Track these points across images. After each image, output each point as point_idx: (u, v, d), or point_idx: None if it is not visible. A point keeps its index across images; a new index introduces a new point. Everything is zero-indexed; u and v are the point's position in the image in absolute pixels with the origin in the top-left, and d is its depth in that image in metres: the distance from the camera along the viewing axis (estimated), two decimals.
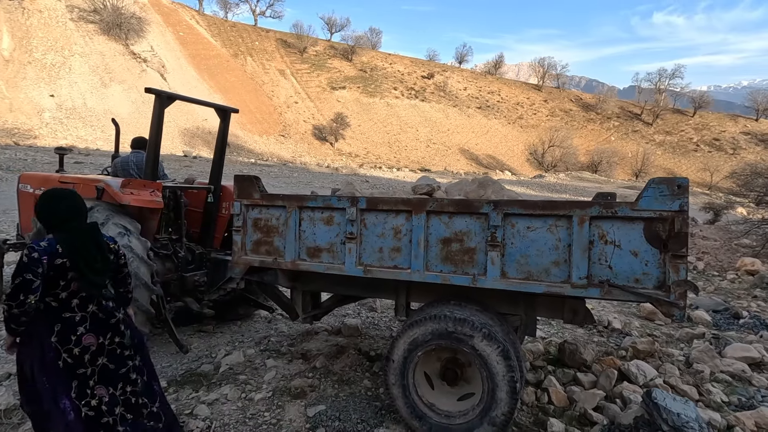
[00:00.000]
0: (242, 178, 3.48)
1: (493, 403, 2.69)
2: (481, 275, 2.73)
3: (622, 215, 2.45)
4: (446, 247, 2.82)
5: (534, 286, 2.64)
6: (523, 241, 2.65)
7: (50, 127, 29.80)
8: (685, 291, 2.36)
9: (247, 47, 56.80)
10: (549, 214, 2.59)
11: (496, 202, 2.71)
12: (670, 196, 2.36)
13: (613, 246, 2.48)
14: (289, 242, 3.25)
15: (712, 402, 3.51)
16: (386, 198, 3.06)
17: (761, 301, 6.81)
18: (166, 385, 3.58)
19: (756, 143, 57.18)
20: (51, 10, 37.61)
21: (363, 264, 3.04)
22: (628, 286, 2.46)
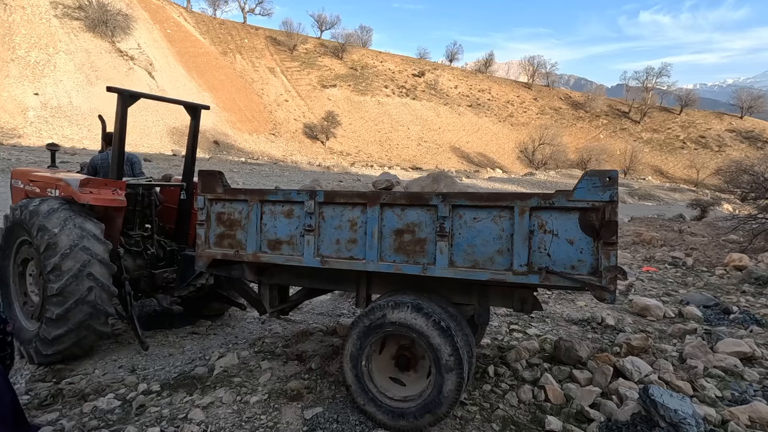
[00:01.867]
0: (206, 173, 3.53)
1: (440, 389, 2.80)
2: (430, 264, 2.83)
3: (559, 206, 2.57)
4: (399, 238, 2.93)
5: (480, 273, 2.75)
6: (470, 231, 2.76)
7: (35, 126, 29.22)
8: (615, 276, 2.47)
9: (236, 45, 56.25)
10: (493, 206, 2.71)
11: (444, 195, 2.80)
12: (602, 188, 2.48)
13: (551, 235, 2.60)
14: (250, 235, 3.33)
15: (706, 397, 3.54)
16: (343, 191, 3.15)
17: (750, 296, 6.92)
18: (160, 388, 3.52)
19: (741, 140, 58.26)
20: (34, 7, 36.84)
21: (321, 255, 3.13)
22: (564, 272, 2.58)
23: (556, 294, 6.60)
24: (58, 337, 3.65)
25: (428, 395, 2.84)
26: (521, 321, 5.36)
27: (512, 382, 3.77)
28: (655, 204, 28.88)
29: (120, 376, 3.74)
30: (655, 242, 11.73)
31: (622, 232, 13.21)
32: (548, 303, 6.19)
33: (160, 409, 3.22)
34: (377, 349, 3.09)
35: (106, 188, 3.96)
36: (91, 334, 3.81)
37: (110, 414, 3.19)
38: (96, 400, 3.32)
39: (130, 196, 4.40)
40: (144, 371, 3.84)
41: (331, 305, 5.54)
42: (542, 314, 5.62)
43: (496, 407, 3.36)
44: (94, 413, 3.19)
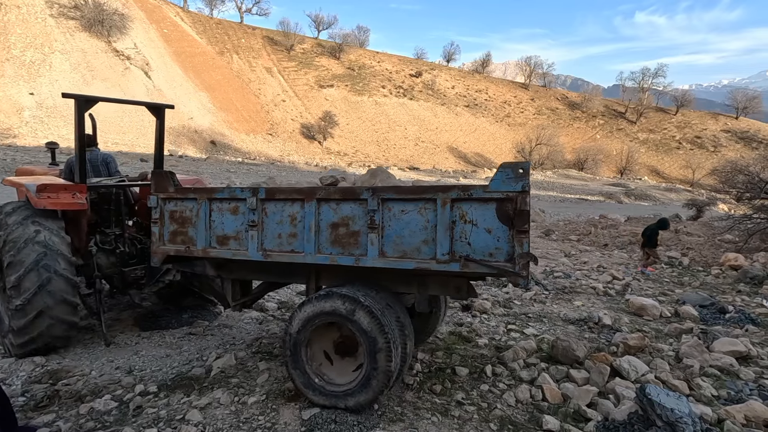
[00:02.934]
0: (157, 174, 3.71)
1: (371, 374, 2.95)
2: (362, 255, 2.98)
3: (477, 197, 2.71)
4: (335, 231, 3.08)
5: (407, 263, 2.89)
6: (399, 223, 2.90)
7: (30, 126, 29.06)
8: (528, 262, 2.62)
9: (233, 45, 56.11)
10: (418, 198, 2.85)
11: (374, 189, 2.94)
12: (515, 179, 2.61)
13: (471, 225, 2.74)
14: (200, 231, 3.49)
15: (702, 396, 3.56)
16: (283, 188, 3.32)
17: (745, 295, 6.96)
18: (157, 389, 3.50)
19: (736, 141, 58.58)
20: (29, 6, 36.63)
21: (264, 249, 3.28)
22: (483, 260, 2.72)
23: (553, 294, 6.62)
24: (24, 327, 3.83)
25: (361, 379, 3.00)
26: (519, 321, 5.38)
27: (510, 381, 3.78)
28: (651, 204, 29.00)
29: (117, 378, 3.72)
30: None
31: (619, 231, 13.27)
32: (545, 303, 6.21)
33: (158, 410, 3.21)
34: (317, 337, 3.21)
35: (66, 192, 4.12)
36: (57, 323, 3.96)
37: (107, 415, 3.18)
38: (93, 402, 3.31)
39: (105, 195, 4.65)
40: (141, 372, 3.83)
41: None
42: (539, 314, 5.64)
43: (493, 407, 3.36)
44: (90, 415, 3.17)
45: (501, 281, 7.14)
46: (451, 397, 3.49)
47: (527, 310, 5.81)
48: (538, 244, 11.56)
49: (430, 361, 4.12)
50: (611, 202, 28.40)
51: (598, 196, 30.41)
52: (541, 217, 16.97)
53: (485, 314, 5.53)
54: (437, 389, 3.59)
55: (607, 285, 7.25)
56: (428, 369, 3.95)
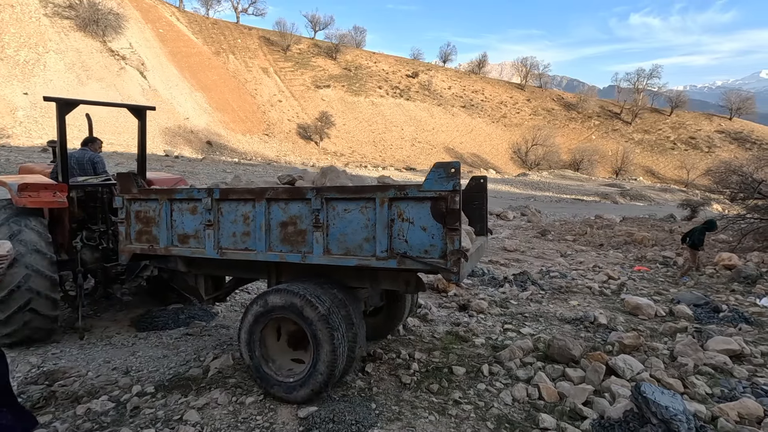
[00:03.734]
0: (122, 176, 3.85)
1: (317, 367, 3.07)
2: (309, 253, 3.10)
3: (412, 196, 2.80)
4: (284, 230, 3.19)
5: (350, 260, 3.00)
6: (342, 221, 3.01)
7: (24, 126, 28.86)
8: (459, 258, 2.69)
9: (229, 45, 55.96)
10: (359, 197, 2.95)
11: (318, 189, 3.04)
12: (446, 178, 2.68)
13: (408, 223, 2.84)
14: (162, 231, 3.64)
15: (696, 394, 3.60)
16: (235, 188, 3.41)
17: (739, 294, 7.02)
18: (154, 390, 3.50)
19: (730, 141, 59.02)
20: (23, 5, 36.38)
21: (220, 247, 3.42)
22: (418, 256, 2.82)
23: (549, 294, 6.66)
24: (5, 321, 4.05)
25: (308, 371, 3.13)
26: (515, 320, 5.40)
27: (506, 380, 3.80)
28: (646, 204, 29.17)
29: (114, 378, 3.71)
30: (647, 242, 11.86)
31: (614, 232, 13.35)
32: (542, 303, 6.24)
33: (155, 410, 3.21)
34: (272, 331, 3.34)
35: (47, 191, 4.31)
36: (37, 317, 4.16)
37: (104, 416, 3.17)
38: (89, 403, 3.30)
39: (91, 193, 4.87)
40: (138, 373, 3.82)
41: None
42: (536, 314, 5.67)
43: (490, 406, 3.39)
44: (87, 415, 3.16)
45: (498, 281, 7.17)
46: (449, 396, 3.51)
47: (524, 309, 5.84)
48: (535, 244, 11.61)
49: (428, 360, 4.14)
50: (607, 203, 28.54)
51: (593, 197, 30.55)
52: (538, 218, 17.04)
53: (482, 314, 5.56)
54: (434, 388, 3.61)
55: (602, 285, 7.30)
56: (425, 368, 3.96)
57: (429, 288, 6.58)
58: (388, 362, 4.06)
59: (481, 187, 4.23)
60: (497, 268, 8.43)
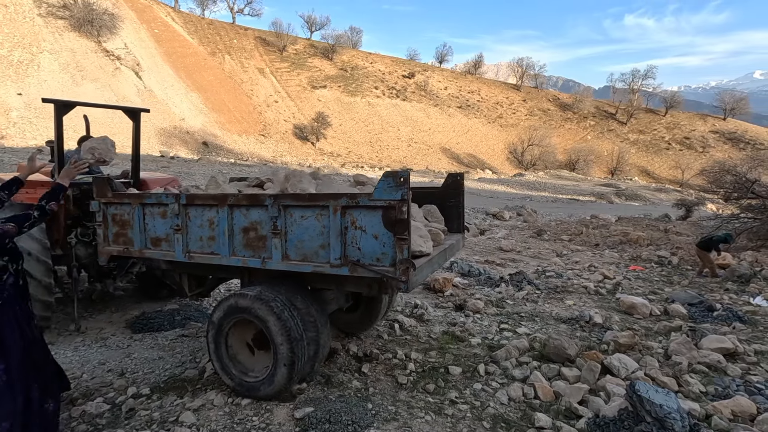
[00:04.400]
0: (97, 180, 3.92)
1: (277, 366, 3.15)
2: (268, 258, 3.15)
3: (363, 204, 2.82)
4: (246, 235, 3.25)
5: (306, 266, 3.06)
6: (299, 228, 3.05)
7: (18, 126, 28.66)
8: (407, 268, 2.72)
9: (225, 45, 55.82)
10: (314, 205, 2.98)
11: (275, 196, 3.09)
12: (395, 188, 2.69)
13: (360, 231, 2.86)
14: (136, 234, 3.72)
15: (690, 392, 3.62)
16: (200, 194, 3.52)
17: (733, 293, 7.08)
18: (149, 391, 3.49)
19: (724, 142, 59.46)
20: (17, 5, 36.14)
21: (188, 251, 3.49)
22: (370, 264, 2.84)
23: (545, 293, 6.68)
24: None
25: (270, 371, 3.20)
26: (511, 320, 5.42)
27: (502, 380, 3.82)
28: (641, 204, 29.33)
29: (109, 380, 3.70)
30: (642, 242, 11.93)
31: (610, 231, 13.42)
32: (538, 302, 6.26)
33: (150, 412, 3.20)
34: (239, 330, 3.41)
35: (43, 188, 4.46)
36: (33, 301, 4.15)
37: (99, 418, 3.16)
38: (85, 405, 3.29)
39: (87, 191, 4.94)
40: (133, 375, 3.81)
41: None
42: (532, 313, 5.69)
43: (486, 405, 3.40)
44: (82, 418, 3.15)
45: (494, 281, 7.19)
46: (445, 395, 3.52)
47: (520, 309, 5.86)
48: (531, 244, 11.65)
49: (424, 360, 4.14)
50: (602, 203, 28.68)
51: (589, 197, 30.69)
52: (534, 218, 17.10)
53: (478, 314, 5.57)
54: (431, 388, 3.62)
55: (598, 284, 7.33)
56: (422, 368, 3.97)
57: (425, 288, 6.59)
58: (384, 362, 4.06)
59: (458, 185, 4.26)
60: (493, 268, 8.45)
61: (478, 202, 21.23)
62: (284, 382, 3.16)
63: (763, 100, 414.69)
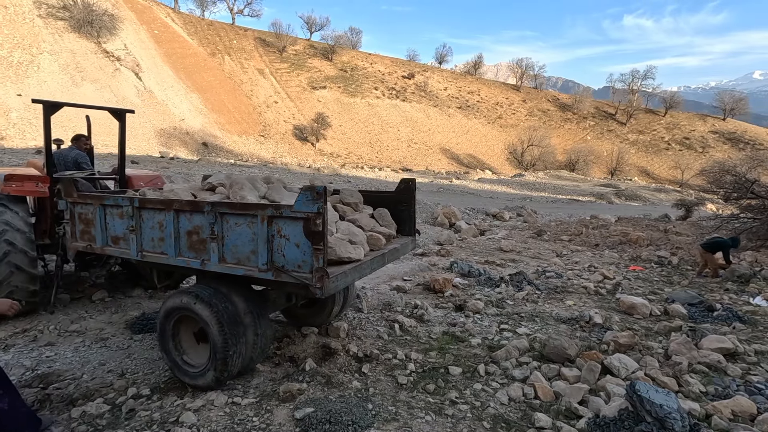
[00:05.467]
0: (65, 181, 4.25)
1: (213, 358, 3.33)
2: (207, 261, 3.38)
3: (286, 215, 3.02)
4: (190, 238, 3.48)
5: (239, 269, 3.27)
6: (234, 234, 3.27)
7: (18, 127, 28.65)
8: (322, 276, 2.93)
9: (224, 46, 55.85)
10: (245, 214, 3.20)
11: (213, 204, 3.32)
12: (312, 201, 2.88)
13: (285, 239, 3.07)
14: (98, 232, 4.01)
15: (690, 392, 3.62)
16: (151, 198, 3.76)
17: (733, 293, 7.08)
18: (150, 392, 3.49)
19: (724, 142, 59.49)
20: (17, 6, 36.16)
21: (141, 250, 3.74)
22: (292, 270, 3.06)
23: (545, 293, 6.69)
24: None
25: (207, 361, 3.41)
26: (511, 320, 5.42)
27: (502, 380, 3.82)
28: (641, 204, 29.34)
29: (109, 381, 3.70)
30: (642, 242, 11.93)
31: (609, 232, 13.42)
32: (538, 302, 6.26)
33: (151, 413, 3.20)
34: (186, 324, 3.60)
35: (30, 181, 4.93)
36: (17, 290, 4.68)
37: (99, 419, 3.16)
38: (85, 405, 3.29)
39: None
40: (133, 375, 3.81)
41: None
42: (532, 314, 5.69)
43: (487, 405, 3.40)
44: (82, 418, 3.15)
45: (494, 281, 7.19)
46: (445, 396, 3.52)
47: (520, 309, 5.86)
48: (531, 244, 11.65)
49: (424, 360, 4.14)
50: (602, 203, 28.69)
51: (589, 197, 30.70)
52: (533, 218, 17.10)
53: (478, 314, 5.57)
54: (431, 388, 3.62)
55: (598, 284, 7.33)
56: (422, 369, 3.97)
57: (426, 288, 6.59)
58: (384, 363, 4.06)
59: (410, 189, 4.45)
60: (493, 268, 8.45)
61: (478, 202, 21.23)
62: (218, 373, 3.35)
63: (762, 100, 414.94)
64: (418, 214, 15.24)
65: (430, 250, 9.68)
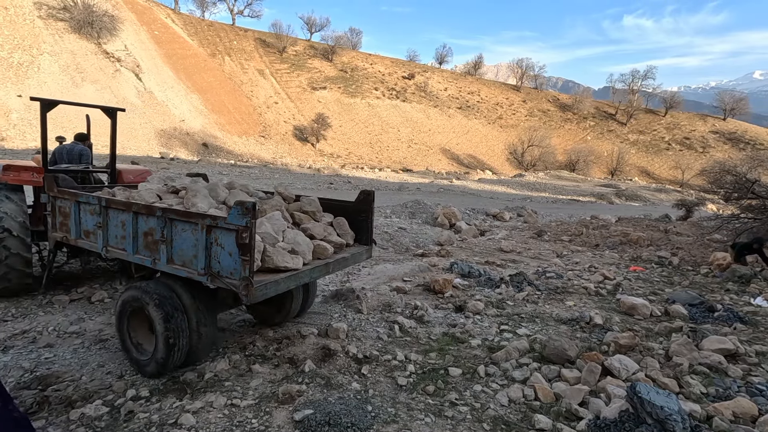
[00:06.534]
0: (48, 177, 4.69)
1: (158, 348, 3.59)
2: (158, 260, 3.70)
3: (221, 226, 3.27)
4: (146, 239, 3.81)
5: (182, 271, 3.56)
6: (181, 238, 3.57)
7: (18, 128, 28.68)
8: (247, 284, 3.18)
9: (225, 47, 55.88)
10: (189, 221, 3.49)
11: (164, 209, 3.65)
12: (242, 215, 3.11)
13: (221, 247, 3.33)
14: (73, 225, 4.45)
15: (691, 394, 3.61)
16: (115, 200, 4.10)
17: (733, 294, 7.06)
18: (149, 394, 3.48)
19: (724, 142, 59.45)
20: (17, 7, 36.19)
21: (107, 245, 4.14)
22: (225, 276, 3.31)
23: (545, 294, 6.67)
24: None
25: (153, 351, 3.65)
26: (511, 321, 5.41)
27: (502, 381, 3.80)
28: (641, 204, 29.31)
29: (108, 382, 3.68)
30: (642, 242, 11.91)
31: (610, 232, 13.40)
32: (538, 303, 6.25)
33: (150, 414, 3.19)
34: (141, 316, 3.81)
35: (27, 172, 5.39)
36: (12, 271, 5.12)
37: (98, 421, 3.14)
38: (83, 407, 3.27)
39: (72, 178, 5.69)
40: (132, 377, 3.79)
41: (323, 308, 5.53)
42: (532, 314, 5.68)
43: (486, 407, 3.39)
44: (81, 420, 3.14)
45: (494, 282, 7.18)
46: (445, 397, 3.50)
47: (520, 310, 5.84)
48: (531, 244, 11.63)
49: (424, 362, 4.13)
50: (602, 203, 28.66)
51: (589, 197, 30.68)
52: (534, 218, 17.08)
53: (478, 315, 5.56)
54: (430, 390, 3.61)
55: (598, 285, 7.31)
56: (422, 370, 3.96)
57: (425, 289, 6.58)
58: (384, 364, 4.05)
59: (368, 201, 4.68)
60: (494, 269, 8.44)
61: (479, 203, 21.21)
62: (162, 363, 3.59)
63: (762, 100, 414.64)
64: (417, 215, 15.19)
65: (430, 251, 9.67)
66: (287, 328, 4.84)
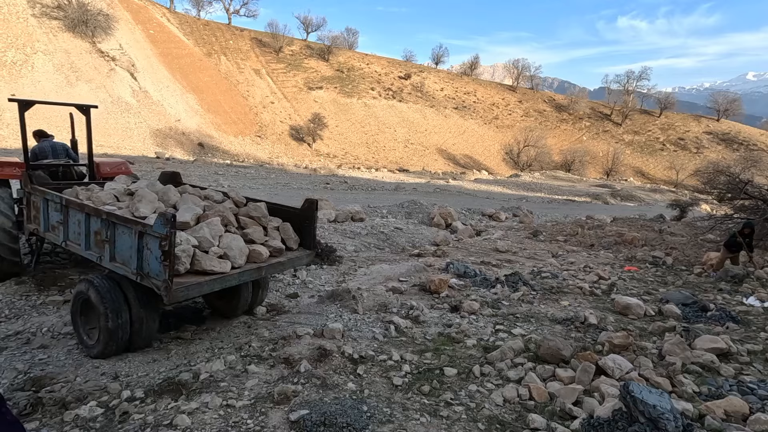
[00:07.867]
0: (24, 174, 5.27)
1: (101, 334, 4.01)
2: (103, 258, 4.15)
3: (149, 233, 3.64)
4: (96, 237, 4.26)
5: (121, 269, 3.98)
6: (121, 239, 4.00)
7: (12, 128, 28.42)
8: (167, 286, 3.53)
9: (220, 46, 55.66)
10: (126, 225, 3.91)
11: (108, 213, 4.07)
12: (163, 225, 3.45)
13: (150, 251, 3.71)
14: (42, 219, 5.01)
15: (684, 393, 3.64)
16: (73, 200, 4.59)
17: (726, 293, 7.13)
18: (144, 395, 3.47)
19: (718, 142, 59.90)
20: (11, 6, 35.88)
21: (66, 240, 4.64)
22: (152, 277, 3.67)
23: (540, 294, 6.71)
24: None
25: (98, 336, 4.06)
26: (506, 321, 5.43)
27: (497, 381, 3.82)
28: (636, 205, 29.46)
29: (102, 383, 3.67)
30: (637, 242, 11.98)
31: (605, 232, 13.47)
32: (533, 303, 6.28)
33: (145, 415, 3.18)
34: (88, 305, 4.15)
35: (9, 167, 5.79)
36: (1, 259, 5.51)
37: (92, 422, 3.13)
38: (78, 409, 3.26)
39: (54, 172, 6.32)
40: (127, 378, 3.78)
41: (319, 308, 5.53)
42: (527, 314, 5.71)
43: (482, 407, 3.40)
44: (75, 422, 3.13)
45: (490, 282, 7.21)
46: (440, 397, 3.52)
47: (515, 310, 5.87)
48: (526, 244, 11.68)
49: (419, 362, 4.15)
50: (598, 203, 28.78)
51: (584, 197, 30.81)
52: (529, 218, 17.14)
53: (474, 315, 5.58)
54: (426, 390, 3.62)
55: (593, 285, 7.36)
56: (417, 370, 3.97)
57: (421, 290, 6.59)
58: (379, 364, 4.06)
59: (312, 208, 4.98)
60: (489, 269, 8.46)
61: (474, 203, 21.26)
62: (103, 346, 4.00)
63: (756, 101, 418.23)
64: (414, 215, 15.18)
65: (427, 251, 9.69)
66: (283, 328, 4.84)
